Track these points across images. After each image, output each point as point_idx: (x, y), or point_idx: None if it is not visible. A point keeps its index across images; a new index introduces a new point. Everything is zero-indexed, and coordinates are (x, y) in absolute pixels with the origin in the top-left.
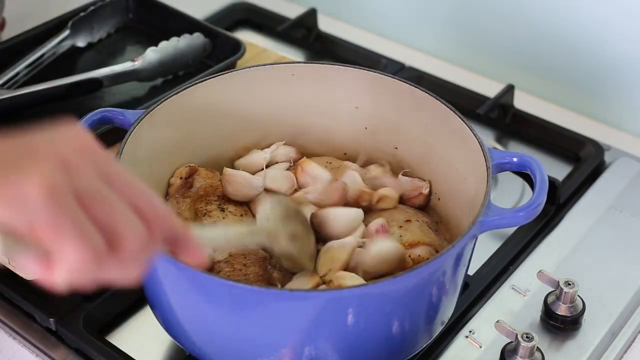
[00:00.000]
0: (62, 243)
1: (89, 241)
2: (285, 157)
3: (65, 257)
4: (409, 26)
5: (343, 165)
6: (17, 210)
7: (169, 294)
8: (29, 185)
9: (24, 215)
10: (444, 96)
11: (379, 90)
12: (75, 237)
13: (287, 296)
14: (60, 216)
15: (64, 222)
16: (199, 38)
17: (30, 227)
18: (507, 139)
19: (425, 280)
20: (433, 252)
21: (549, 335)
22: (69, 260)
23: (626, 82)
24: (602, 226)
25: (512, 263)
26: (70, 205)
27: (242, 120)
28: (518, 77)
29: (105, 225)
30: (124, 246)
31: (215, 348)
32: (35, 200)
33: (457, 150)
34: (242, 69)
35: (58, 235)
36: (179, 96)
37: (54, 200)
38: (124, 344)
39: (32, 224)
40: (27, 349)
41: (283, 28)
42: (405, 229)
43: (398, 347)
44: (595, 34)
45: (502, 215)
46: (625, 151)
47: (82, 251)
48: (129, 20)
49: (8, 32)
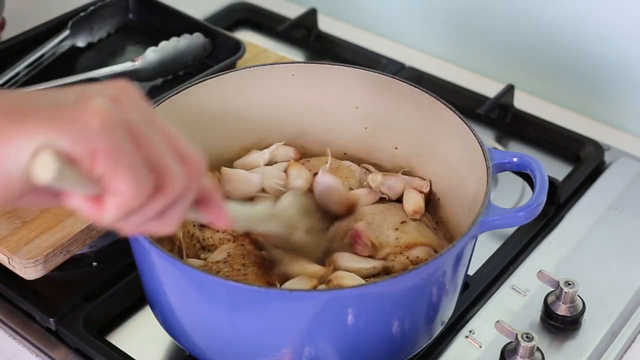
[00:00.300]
0: (117, 174)
1: (141, 176)
2: (284, 157)
3: (118, 189)
4: (409, 26)
5: (342, 166)
6: (74, 136)
7: (169, 294)
8: (88, 114)
9: (81, 141)
10: (444, 96)
11: (379, 90)
12: (130, 168)
13: (287, 296)
14: (117, 146)
15: (120, 152)
16: (199, 38)
17: (91, 156)
18: (507, 139)
19: (425, 280)
20: (431, 252)
21: (549, 335)
22: (122, 194)
23: (626, 82)
24: (602, 226)
25: (512, 263)
26: (124, 137)
27: (242, 121)
28: (518, 77)
29: (152, 163)
30: (167, 188)
31: (215, 348)
32: (94, 129)
33: (457, 150)
34: (242, 69)
35: (115, 166)
36: (179, 96)
37: (111, 129)
38: (124, 344)
39: (93, 153)
40: (27, 349)
41: (283, 28)
42: (401, 231)
43: (398, 347)
44: (595, 34)
45: (502, 215)
46: (625, 151)
47: (135, 185)
48: (129, 20)
49: (8, 32)
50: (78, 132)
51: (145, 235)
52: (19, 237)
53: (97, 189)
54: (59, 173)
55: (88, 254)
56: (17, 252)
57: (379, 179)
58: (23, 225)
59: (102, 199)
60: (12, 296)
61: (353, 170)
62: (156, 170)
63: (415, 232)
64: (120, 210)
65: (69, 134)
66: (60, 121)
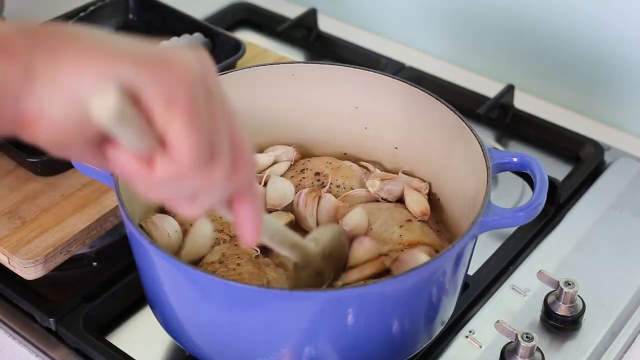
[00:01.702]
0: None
1: (203, 145)
2: (285, 157)
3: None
4: (409, 26)
5: (343, 166)
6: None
7: (169, 294)
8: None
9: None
10: (444, 96)
11: (379, 90)
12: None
13: (287, 296)
14: (197, 105)
15: (197, 113)
16: (199, 38)
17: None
18: (507, 139)
19: (425, 280)
20: (433, 252)
21: (549, 335)
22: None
23: (626, 82)
24: (602, 226)
25: (512, 263)
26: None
27: (242, 121)
28: (518, 77)
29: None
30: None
31: (215, 348)
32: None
33: (457, 150)
34: (242, 69)
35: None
36: None
37: (197, 86)
38: (124, 344)
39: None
40: (27, 349)
41: (283, 28)
42: (405, 229)
43: (398, 347)
44: (596, 34)
45: (502, 215)
46: (625, 151)
47: (196, 152)
48: (129, 20)
49: None
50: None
51: (145, 235)
52: (19, 237)
53: (152, 146)
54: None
55: (88, 254)
56: (17, 252)
57: (377, 185)
58: (23, 225)
59: (152, 160)
60: (12, 296)
61: (354, 171)
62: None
63: (420, 232)
64: (167, 174)
65: (152, 73)
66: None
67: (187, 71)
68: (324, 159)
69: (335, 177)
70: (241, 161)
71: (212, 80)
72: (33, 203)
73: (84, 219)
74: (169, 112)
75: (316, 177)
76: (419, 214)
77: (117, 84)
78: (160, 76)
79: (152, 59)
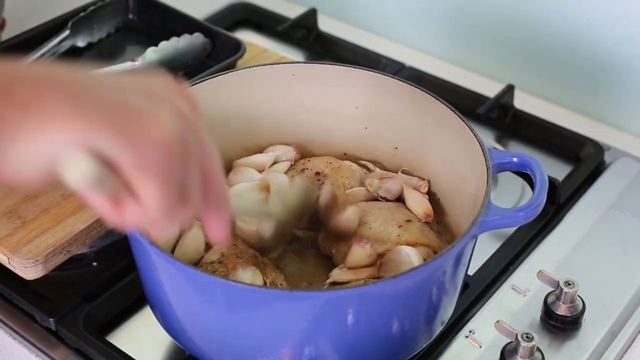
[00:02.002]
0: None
1: (174, 197)
2: (285, 157)
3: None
4: (409, 26)
5: (343, 166)
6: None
7: (169, 294)
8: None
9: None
10: (444, 96)
11: (379, 90)
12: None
13: (287, 296)
14: (170, 167)
15: (170, 173)
16: (199, 38)
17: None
18: (507, 139)
19: (425, 280)
20: (431, 253)
21: (549, 335)
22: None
23: (626, 82)
24: (602, 226)
25: (512, 263)
26: (178, 158)
27: (242, 121)
28: (518, 77)
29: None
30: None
31: (215, 348)
32: (156, 144)
33: (457, 150)
34: (242, 69)
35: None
36: None
37: (171, 149)
38: (124, 344)
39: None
40: (27, 349)
41: (283, 28)
42: (404, 229)
43: (398, 347)
44: (595, 34)
45: (502, 215)
46: (625, 151)
47: (165, 204)
48: (129, 20)
49: (8, 32)
50: (136, 142)
51: (146, 236)
52: (19, 237)
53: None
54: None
55: (88, 254)
56: (17, 252)
57: (376, 183)
58: (23, 225)
59: (122, 203)
60: (12, 296)
61: (354, 171)
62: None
63: (418, 232)
64: (138, 220)
65: (125, 140)
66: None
67: (164, 135)
68: (324, 159)
69: (335, 177)
70: (212, 192)
71: (190, 132)
72: (33, 203)
73: (84, 219)
74: (141, 176)
75: (316, 177)
76: (422, 216)
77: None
78: (134, 143)
79: (127, 122)
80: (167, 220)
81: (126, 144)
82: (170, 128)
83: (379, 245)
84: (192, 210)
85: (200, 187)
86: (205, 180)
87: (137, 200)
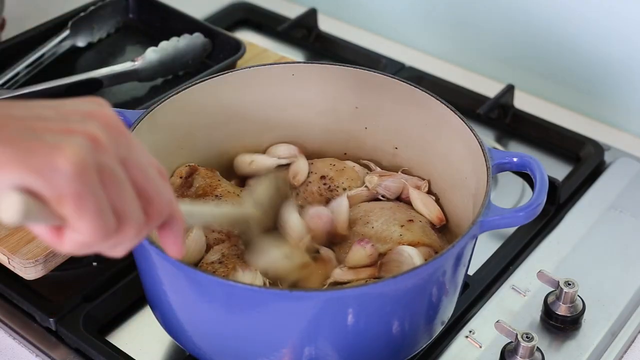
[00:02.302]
0: (80, 218)
1: (104, 220)
2: (286, 155)
3: (79, 230)
4: (409, 26)
5: (347, 167)
6: (45, 179)
7: (169, 294)
8: (61, 157)
9: (50, 185)
10: (444, 96)
11: (379, 90)
12: (94, 215)
13: (287, 296)
14: (85, 193)
15: (87, 199)
16: (199, 38)
17: (54, 196)
18: (507, 139)
19: (425, 280)
20: (432, 253)
21: (549, 335)
22: (81, 233)
23: (626, 82)
24: (602, 226)
25: (512, 263)
26: (94, 183)
27: (242, 120)
28: (518, 77)
29: (114, 207)
30: (123, 229)
31: (215, 348)
32: (64, 174)
33: (457, 150)
34: (242, 69)
35: (79, 209)
36: (179, 96)
37: (82, 176)
38: (124, 344)
39: (60, 197)
40: (27, 349)
41: (283, 28)
42: (406, 229)
43: (398, 347)
44: (595, 34)
45: (502, 215)
46: (625, 151)
47: (96, 229)
48: (129, 20)
49: (8, 32)
50: (48, 175)
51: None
52: (19, 237)
53: (59, 222)
54: (26, 214)
55: (88, 254)
56: (17, 252)
57: (375, 180)
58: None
59: (62, 231)
60: (12, 296)
61: (357, 172)
62: (117, 213)
63: (420, 232)
64: (78, 245)
65: (39, 176)
66: (33, 162)
67: (69, 162)
68: (326, 161)
69: (340, 180)
70: (155, 209)
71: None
72: None
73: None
74: (61, 206)
75: (322, 181)
76: (436, 221)
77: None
78: (47, 177)
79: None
80: (108, 243)
81: (37, 177)
82: (74, 154)
83: (381, 244)
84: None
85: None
86: (141, 196)
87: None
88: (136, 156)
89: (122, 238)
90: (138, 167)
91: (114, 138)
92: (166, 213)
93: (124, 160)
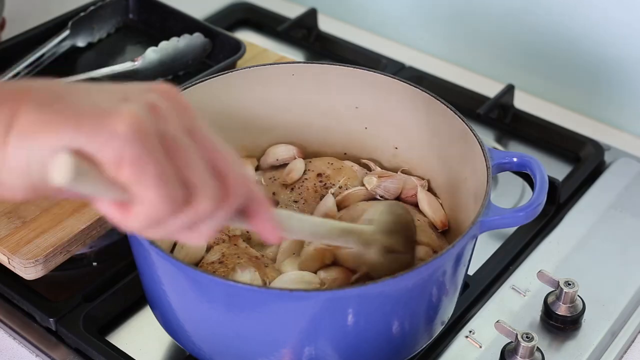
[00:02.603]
0: (144, 185)
1: (170, 189)
2: (286, 156)
3: (144, 200)
4: (409, 26)
5: (345, 166)
6: (100, 142)
7: (169, 294)
8: (119, 120)
9: (106, 148)
10: (444, 96)
11: (379, 90)
12: (157, 180)
13: (287, 296)
14: (146, 156)
15: (149, 164)
16: (199, 38)
17: (116, 163)
18: (507, 139)
19: (425, 280)
20: (431, 252)
21: (549, 335)
22: (148, 204)
23: (626, 82)
24: (602, 226)
25: (512, 263)
26: (155, 147)
27: (242, 120)
28: (518, 77)
29: (183, 177)
30: (196, 204)
31: (215, 348)
32: (122, 137)
33: (457, 150)
34: (242, 69)
35: (141, 176)
36: None
37: (141, 140)
38: (124, 344)
39: (118, 160)
40: (27, 349)
41: (283, 28)
42: None
43: (398, 347)
44: (596, 34)
45: (502, 215)
46: (625, 151)
47: (162, 197)
48: (129, 20)
49: (8, 32)
50: (104, 137)
51: (147, 237)
52: (19, 237)
53: (123, 195)
54: (76, 177)
55: (88, 254)
56: (17, 252)
57: (374, 181)
58: (23, 225)
59: (129, 206)
60: (12, 296)
61: (355, 171)
62: (187, 185)
63: (419, 231)
64: (146, 219)
65: (94, 138)
66: (88, 124)
67: (129, 124)
68: (325, 160)
69: (337, 178)
70: (232, 185)
71: (174, 119)
72: (33, 203)
73: (84, 219)
74: (120, 172)
75: (318, 178)
76: (439, 225)
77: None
78: (102, 139)
79: (95, 121)
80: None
81: (96, 141)
82: (132, 116)
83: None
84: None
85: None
86: (214, 169)
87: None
88: (203, 129)
89: (195, 214)
90: (207, 139)
91: (177, 110)
92: (244, 191)
93: (190, 132)
